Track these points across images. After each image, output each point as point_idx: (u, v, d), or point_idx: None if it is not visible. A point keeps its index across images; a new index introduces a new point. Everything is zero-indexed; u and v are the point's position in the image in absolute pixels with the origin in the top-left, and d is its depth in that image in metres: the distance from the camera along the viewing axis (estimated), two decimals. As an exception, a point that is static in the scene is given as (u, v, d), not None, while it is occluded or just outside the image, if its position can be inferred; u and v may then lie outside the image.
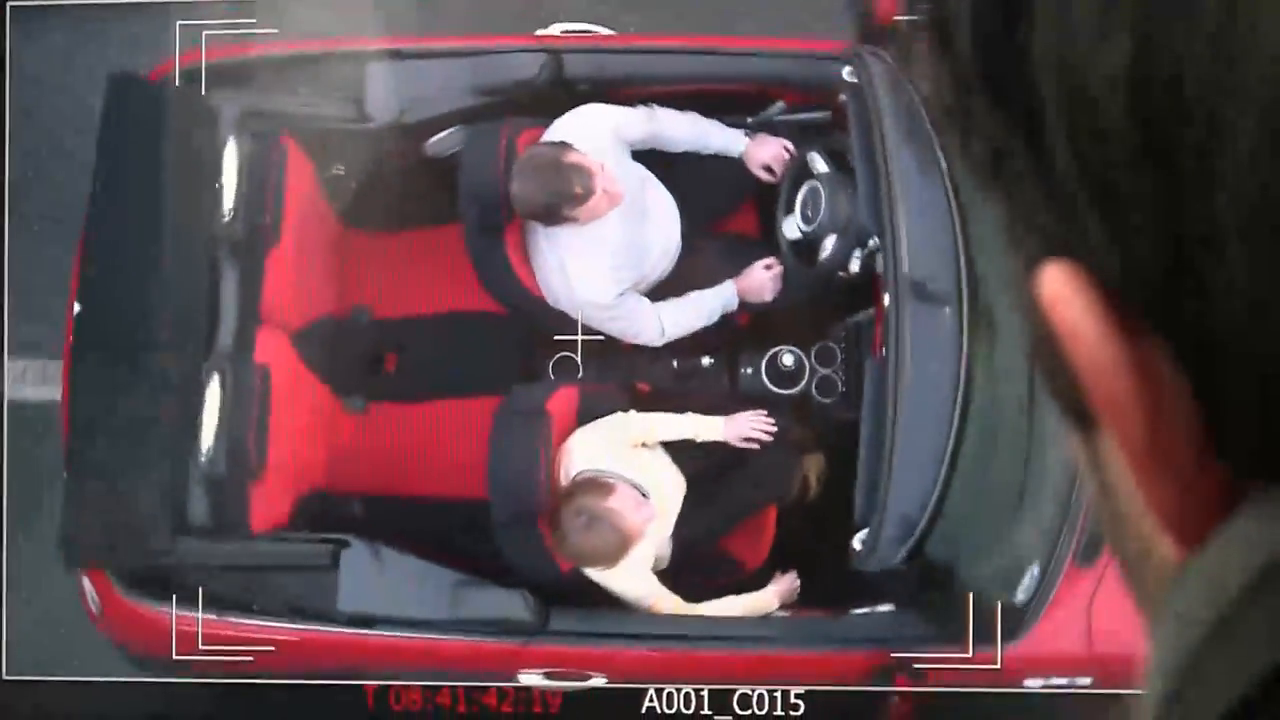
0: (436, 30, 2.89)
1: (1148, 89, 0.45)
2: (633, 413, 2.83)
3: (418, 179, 2.98)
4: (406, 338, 3.06)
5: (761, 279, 2.88)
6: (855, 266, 2.80)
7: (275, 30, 2.87)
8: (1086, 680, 2.65)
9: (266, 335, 2.88)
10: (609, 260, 2.82)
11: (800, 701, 2.68)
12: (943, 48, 0.51)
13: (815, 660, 2.73)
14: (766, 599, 2.81)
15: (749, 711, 2.68)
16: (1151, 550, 0.51)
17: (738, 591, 2.82)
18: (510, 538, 2.80)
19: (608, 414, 2.83)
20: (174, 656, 2.81)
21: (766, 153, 2.88)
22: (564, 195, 2.73)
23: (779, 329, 2.94)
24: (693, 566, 2.86)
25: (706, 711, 2.70)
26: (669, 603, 2.78)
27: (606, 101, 2.84)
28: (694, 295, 2.89)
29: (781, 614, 2.79)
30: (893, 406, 2.58)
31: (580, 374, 2.90)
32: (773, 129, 2.92)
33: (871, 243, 2.76)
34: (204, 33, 2.88)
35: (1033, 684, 2.70)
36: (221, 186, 2.85)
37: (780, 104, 2.94)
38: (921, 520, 2.54)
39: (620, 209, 2.80)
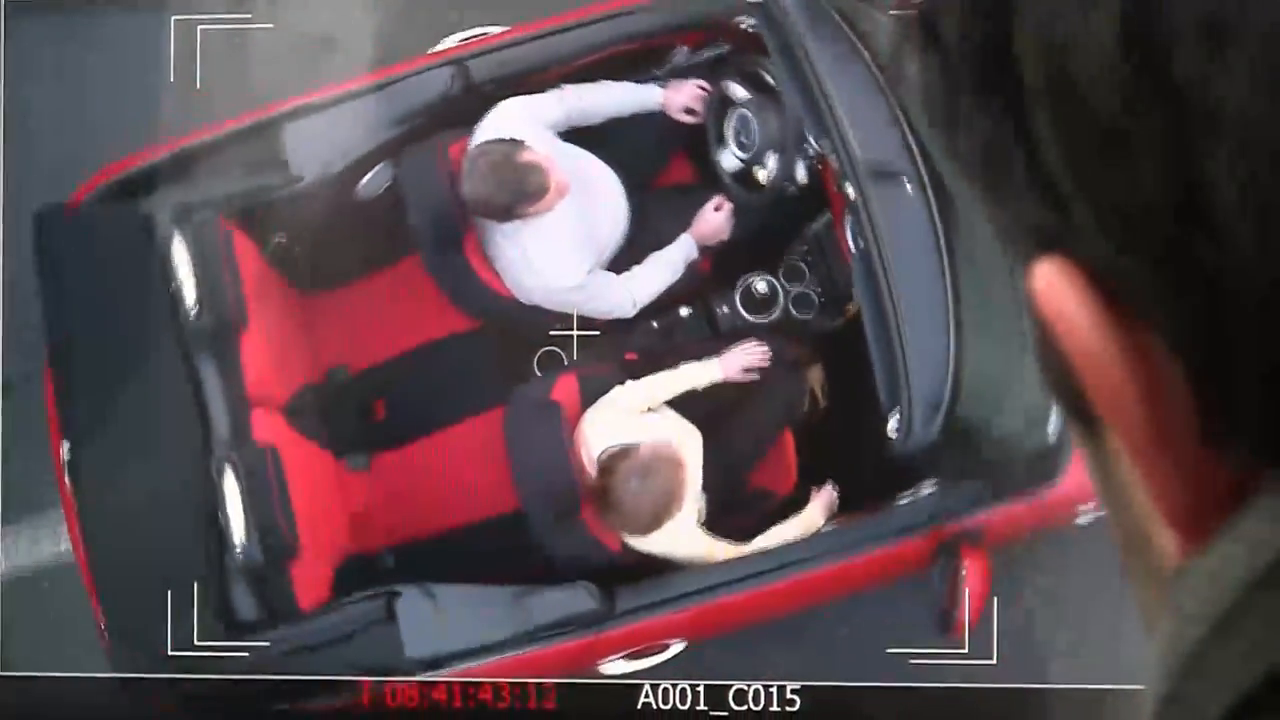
0: (341, 76, 2.91)
1: (1135, 66, 0.44)
2: (629, 383, 2.85)
3: (359, 225, 3.00)
4: (388, 382, 3.07)
5: (714, 221, 2.92)
6: (802, 176, 2.84)
7: (270, 24, 2.88)
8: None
9: (260, 416, 2.88)
10: (569, 242, 2.85)
11: (796, 697, 2.69)
12: (929, 46, 0.50)
13: (879, 559, 2.76)
14: (812, 516, 2.84)
15: (745, 707, 2.69)
16: (1154, 547, 0.50)
17: (782, 520, 2.84)
18: (555, 534, 2.81)
19: (608, 392, 2.85)
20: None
21: (683, 96, 2.93)
22: (523, 193, 2.76)
23: (743, 261, 2.98)
24: (731, 510, 2.88)
25: (702, 707, 2.70)
26: (723, 551, 2.80)
27: (519, 94, 2.87)
28: (654, 257, 2.92)
29: (830, 526, 2.82)
30: (888, 291, 2.61)
31: (566, 362, 2.92)
32: (683, 74, 2.96)
33: (812, 147, 2.80)
34: (199, 28, 2.90)
35: (1085, 518, 2.74)
36: (179, 284, 2.85)
37: (682, 49, 2.97)
38: (945, 390, 2.58)
39: None
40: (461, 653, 2.79)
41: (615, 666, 2.85)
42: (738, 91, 2.88)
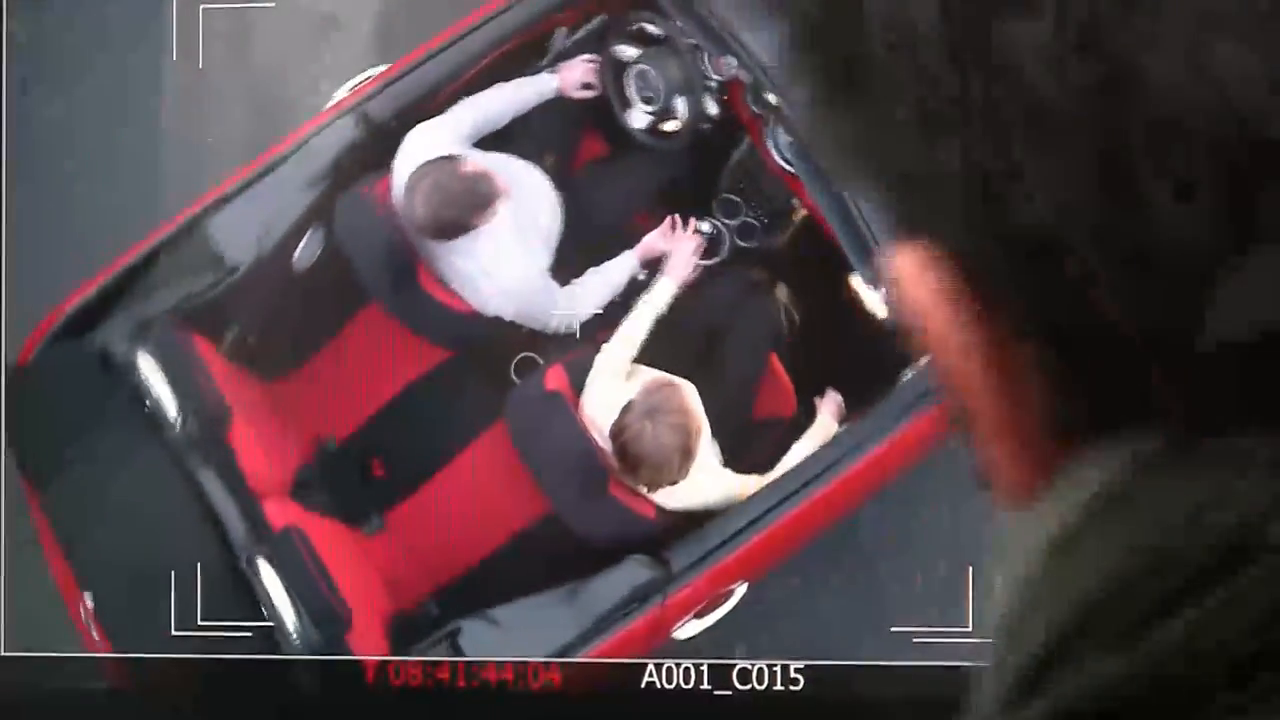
0: (246, 159, 2.93)
1: (956, 35, 0.45)
2: (603, 348, 2.88)
3: (305, 297, 3.00)
4: (377, 439, 3.07)
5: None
6: (713, 109, 2.90)
7: (272, 4, 2.89)
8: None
9: (272, 505, 2.87)
10: (518, 242, 2.88)
11: (800, 676, 2.70)
12: (801, 49, 0.51)
13: (905, 438, 2.79)
14: (825, 424, 2.89)
15: (749, 686, 2.70)
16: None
17: (797, 439, 2.87)
18: (590, 518, 2.82)
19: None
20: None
21: (576, 74, 2.98)
22: (474, 204, 2.78)
23: (682, 209, 3.02)
24: (746, 445, 2.91)
25: (706, 686, 2.70)
26: (754, 484, 2.82)
27: (421, 122, 2.89)
28: (594, 275, 2.96)
29: (846, 427, 2.86)
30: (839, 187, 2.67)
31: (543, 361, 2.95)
32: (569, 56, 3.01)
33: (713, 79, 2.87)
34: (201, 7, 2.90)
35: None
36: (156, 400, 2.84)
37: (560, 32, 3.03)
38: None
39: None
40: (541, 672, 2.78)
41: (687, 630, 2.86)
42: (627, 51, 2.93)
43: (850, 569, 3.15)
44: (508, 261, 2.88)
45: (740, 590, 2.89)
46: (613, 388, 2.83)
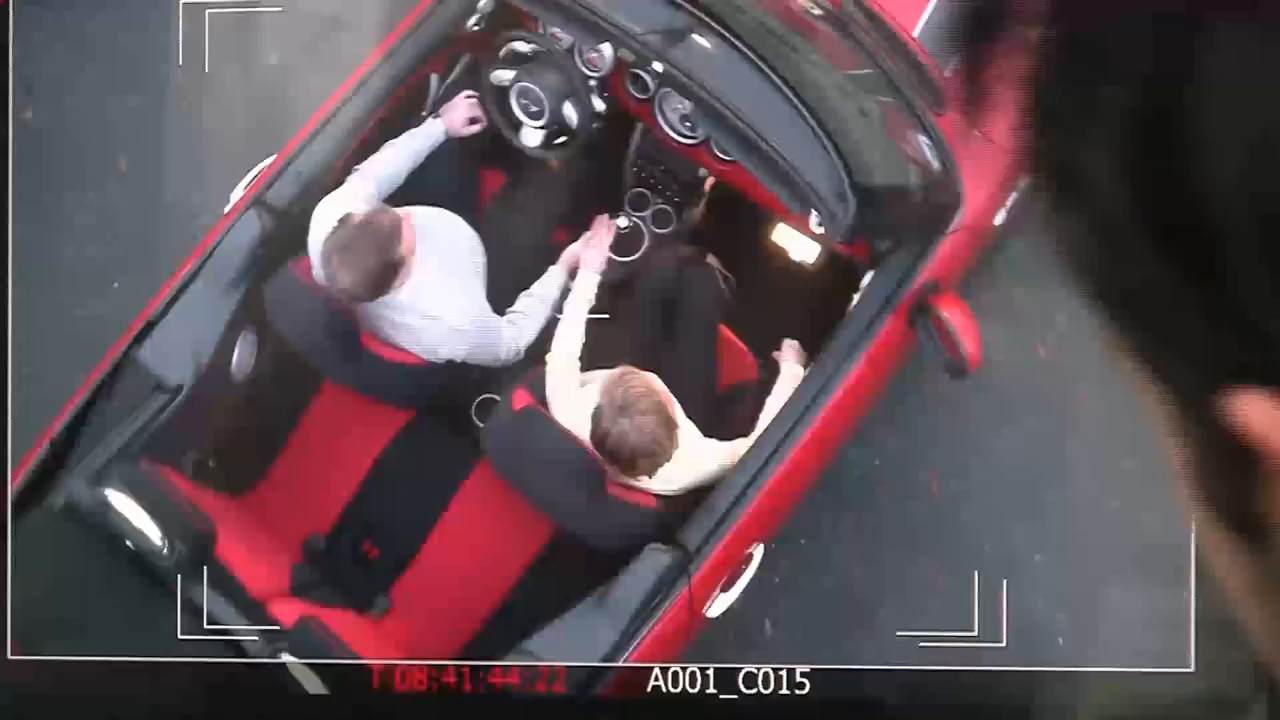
0: (159, 279, 2.92)
1: None
2: (547, 356, 2.90)
3: (251, 402, 2.99)
4: (361, 521, 3.04)
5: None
6: (601, 106, 2.96)
7: (279, 8, 2.87)
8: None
9: (279, 606, 2.81)
10: (450, 282, 2.90)
11: (806, 680, 2.70)
12: (1078, 188, 0.50)
13: (871, 359, 2.84)
14: (791, 372, 2.93)
15: (755, 690, 2.69)
16: None
17: (768, 394, 2.91)
18: (595, 521, 2.81)
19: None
20: None
21: (459, 113, 3.03)
22: (389, 245, 2.75)
23: (594, 213, 3.08)
24: (720, 418, 2.94)
25: (712, 690, 2.69)
26: (741, 447, 2.84)
27: (323, 198, 2.90)
28: (527, 298, 3.00)
29: (812, 368, 2.88)
30: (745, 125, 2.70)
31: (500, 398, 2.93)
32: (449, 97, 3.07)
33: (594, 76, 2.93)
34: (207, 11, 2.85)
35: (999, 219, 2.93)
36: (138, 533, 2.77)
37: (433, 77, 3.09)
38: (839, 170, 2.68)
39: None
40: (597, 672, 2.72)
41: (718, 607, 2.85)
42: (504, 75, 2.98)
43: (856, 573, 3.19)
44: (448, 302, 2.89)
45: (758, 554, 2.88)
46: (571, 392, 2.85)
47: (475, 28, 3.01)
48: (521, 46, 2.98)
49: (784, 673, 2.67)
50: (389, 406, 3.05)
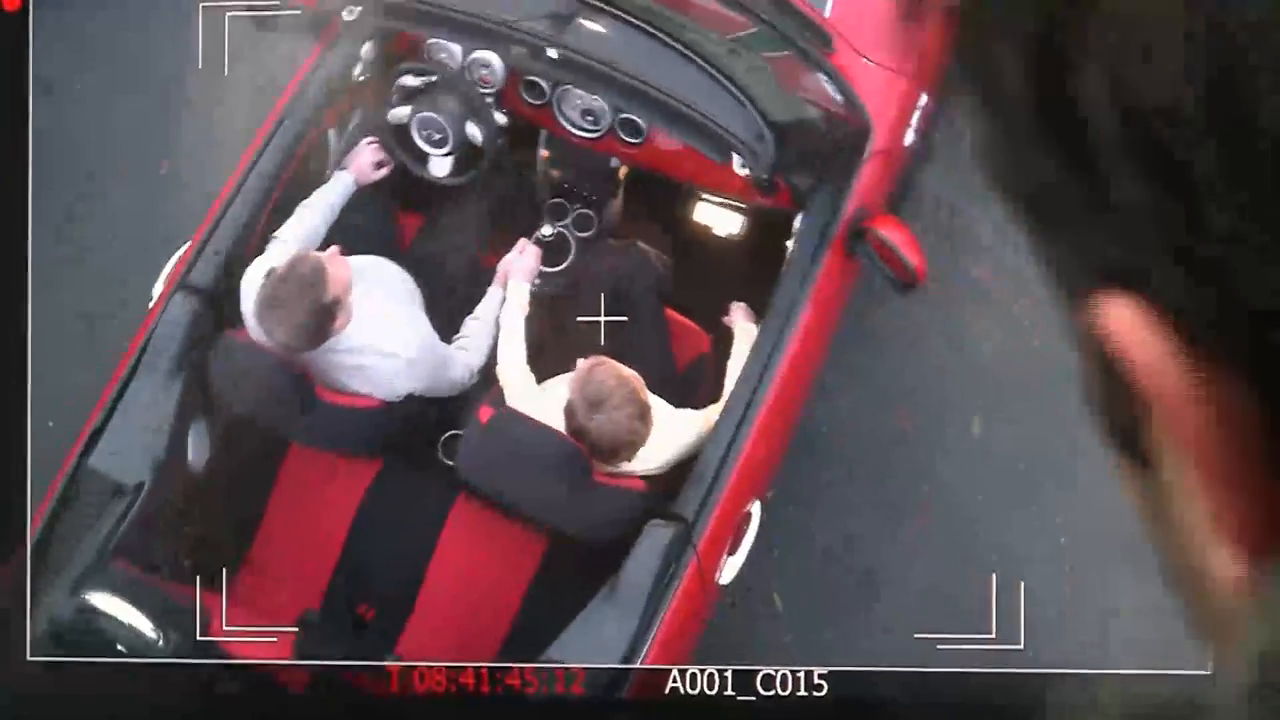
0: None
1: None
2: (497, 370, 2.91)
3: (216, 488, 2.93)
4: (352, 586, 2.99)
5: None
6: (503, 119, 2.99)
7: (298, 10, 2.84)
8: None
9: (285, 674, 2.77)
10: (392, 315, 2.88)
11: (824, 682, 2.69)
12: (993, 89, 0.50)
13: (819, 294, 2.87)
14: (745, 330, 2.96)
15: (772, 691, 2.68)
16: (1210, 569, 0.50)
17: (727, 358, 2.93)
18: (587, 513, 2.79)
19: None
20: None
21: (364, 159, 3.04)
22: (319, 295, 2.71)
23: (518, 229, 3.12)
24: (685, 396, 2.94)
25: (730, 692, 2.68)
26: (714, 412, 2.85)
27: (247, 266, 2.88)
28: (470, 323, 2.99)
29: (763, 321, 2.89)
30: (653, 89, 2.77)
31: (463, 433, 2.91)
32: (350, 149, 3.08)
33: (488, 91, 2.97)
34: (227, 14, 2.84)
35: (910, 140, 2.99)
36: (130, 630, 2.72)
37: (330, 132, 3.10)
38: (751, 110, 2.74)
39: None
40: (624, 664, 2.70)
41: (729, 573, 2.84)
42: (401, 112, 2.99)
43: (874, 576, 3.19)
44: (396, 333, 2.86)
45: (756, 511, 2.88)
46: (534, 395, 2.85)
47: (362, 78, 3.04)
48: (411, 80, 2.99)
49: (801, 674, 2.66)
50: (357, 460, 3.00)
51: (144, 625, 2.71)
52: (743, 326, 2.98)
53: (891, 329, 3.22)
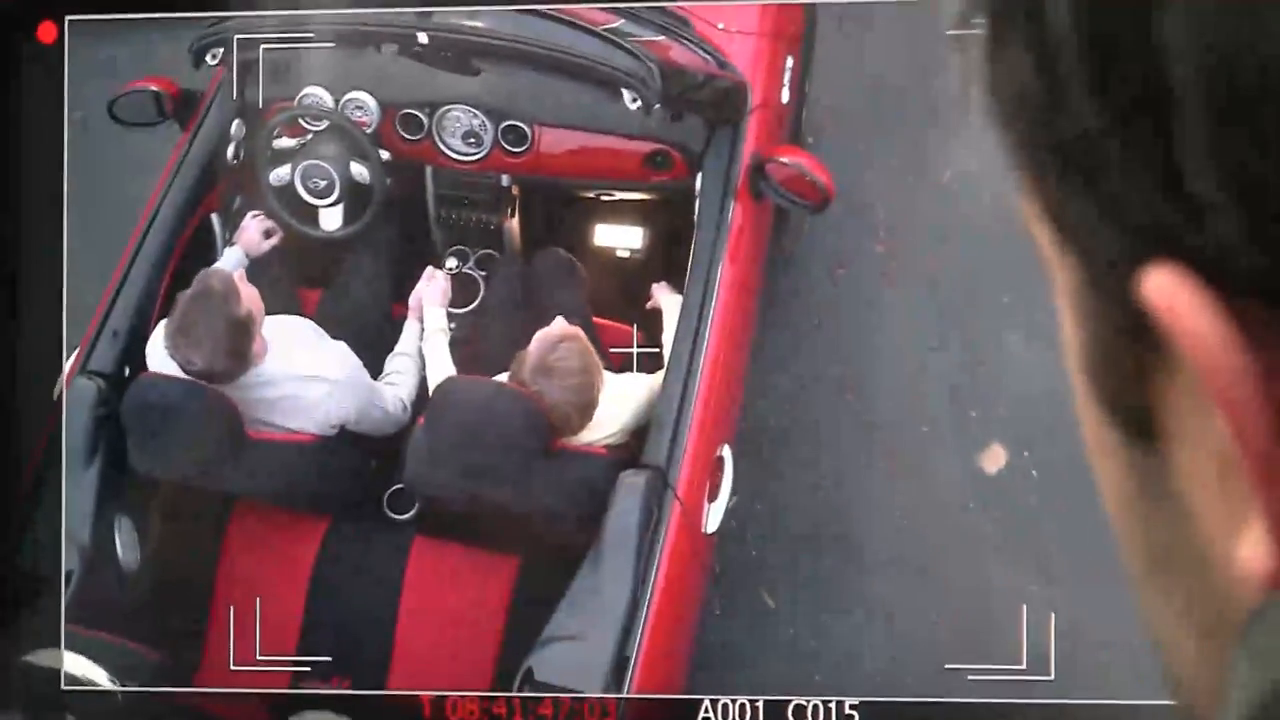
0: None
1: None
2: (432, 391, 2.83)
3: (149, 590, 2.75)
4: (325, 651, 2.75)
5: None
6: (386, 154, 2.98)
7: (332, 44, 2.78)
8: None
9: None
10: (318, 342, 2.82)
11: (855, 712, 2.70)
12: (1023, 30, 0.47)
13: (739, 236, 2.86)
14: (671, 302, 2.90)
15: None
16: (1217, 569, 0.48)
17: (660, 334, 2.88)
18: (554, 487, 2.68)
19: None
20: None
21: (251, 232, 2.98)
22: (232, 309, 2.65)
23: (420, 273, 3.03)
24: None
25: None
26: (658, 379, 2.79)
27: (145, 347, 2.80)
28: (392, 360, 2.92)
29: (685, 285, 2.87)
30: (533, 45, 2.80)
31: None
32: (235, 227, 3.01)
33: (365, 128, 2.95)
34: (261, 47, 2.74)
35: (785, 98, 3.02)
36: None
37: (213, 216, 3.03)
38: (630, 50, 2.78)
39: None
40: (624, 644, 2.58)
41: (713, 521, 2.73)
42: (282, 173, 2.97)
43: (904, 606, 3.09)
44: (318, 356, 2.79)
45: (728, 455, 2.79)
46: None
47: (236, 160, 3.02)
48: (286, 142, 2.98)
49: (833, 705, 2.63)
50: (303, 519, 2.86)
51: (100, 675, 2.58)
52: (668, 300, 2.92)
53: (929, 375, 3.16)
